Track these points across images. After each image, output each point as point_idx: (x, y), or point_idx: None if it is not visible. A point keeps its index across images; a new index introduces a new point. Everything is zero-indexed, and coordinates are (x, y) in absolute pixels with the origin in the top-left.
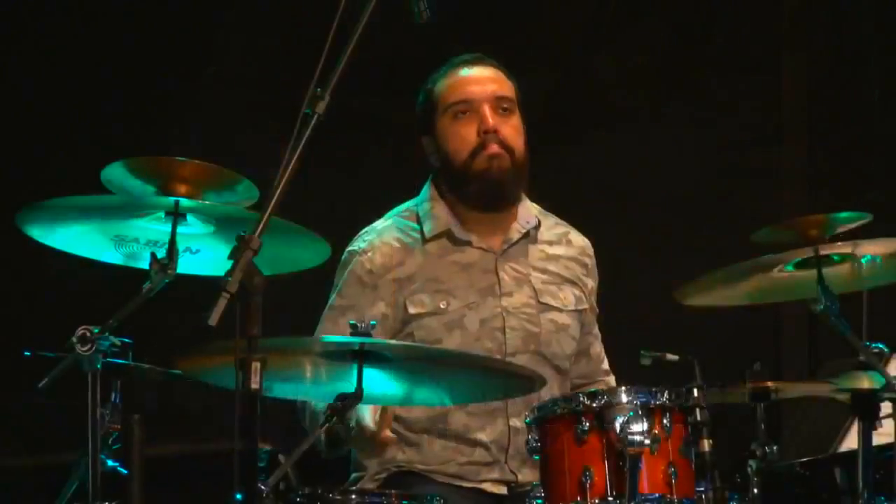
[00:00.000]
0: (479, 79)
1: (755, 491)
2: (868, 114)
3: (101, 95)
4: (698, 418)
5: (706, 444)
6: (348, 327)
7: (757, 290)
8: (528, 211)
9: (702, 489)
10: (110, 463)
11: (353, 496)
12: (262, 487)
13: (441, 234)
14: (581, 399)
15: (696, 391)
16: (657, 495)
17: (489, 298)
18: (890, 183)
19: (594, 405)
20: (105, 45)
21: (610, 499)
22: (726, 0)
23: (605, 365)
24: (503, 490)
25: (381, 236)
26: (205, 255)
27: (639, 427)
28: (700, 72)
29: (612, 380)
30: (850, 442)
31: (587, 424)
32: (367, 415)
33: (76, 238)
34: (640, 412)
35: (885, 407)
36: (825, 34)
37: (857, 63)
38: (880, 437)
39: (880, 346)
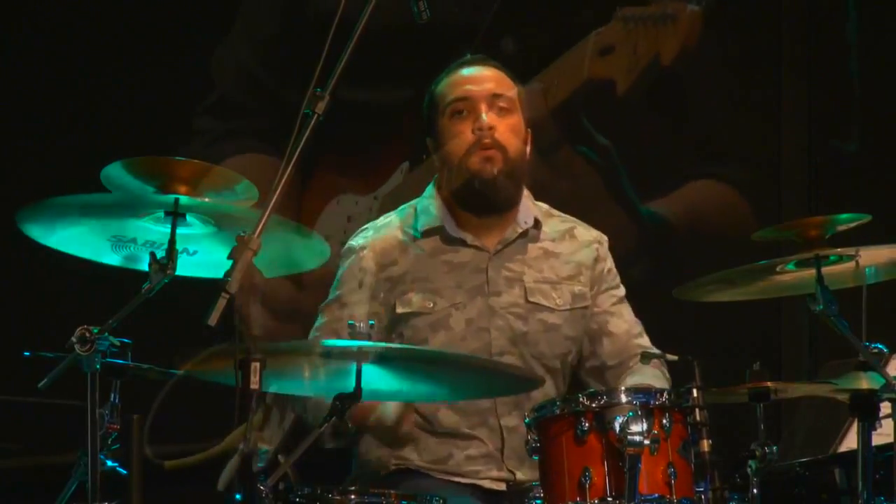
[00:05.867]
0: (478, 78)
1: (755, 491)
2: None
3: (102, 95)
4: (698, 419)
5: (706, 445)
6: (345, 319)
7: (757, 290)
8: (528, 210)
9: (701, 490)
10: (110, 463)
11: (353, 496)
12: (262, 488)
13: (433, 230)
14: (580, 399)
15: (695, 391)
16: (656, 496)
17: (477, 298)
18: (890, 183)
19: (594, 405)
20: (105, 44)
21: (609, 499)
22: (727, 4)
23: (640, 340)
24: (502, 486)
25: (378, 233)
26: (204, 255)
27: (638, 427)
28: (701, 73)
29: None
30: (850, 442)
31: (587, 425)
32: (389, 409)
33: (75, 239)
34: (639, 412)
35: (885, 407)
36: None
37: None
38: (880, 438)
39: (880, 346)
